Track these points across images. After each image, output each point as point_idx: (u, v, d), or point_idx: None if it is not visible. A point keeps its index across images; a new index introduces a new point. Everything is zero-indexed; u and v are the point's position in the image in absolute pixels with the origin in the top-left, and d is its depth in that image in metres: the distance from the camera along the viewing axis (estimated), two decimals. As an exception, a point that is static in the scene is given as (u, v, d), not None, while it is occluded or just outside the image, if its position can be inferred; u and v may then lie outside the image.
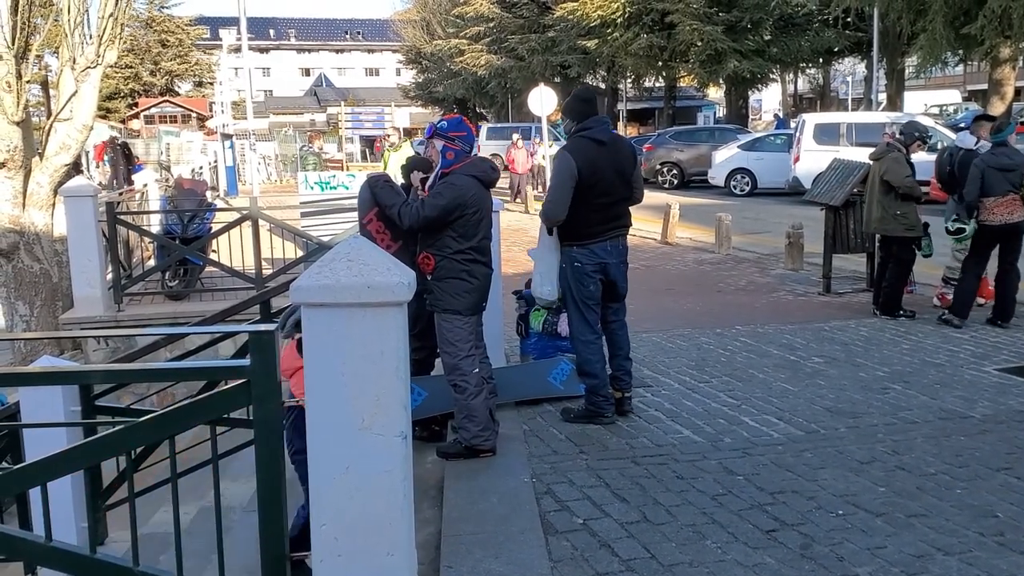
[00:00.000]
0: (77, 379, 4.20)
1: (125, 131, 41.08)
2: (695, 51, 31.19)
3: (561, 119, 5.89)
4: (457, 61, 44.78)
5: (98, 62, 10.34)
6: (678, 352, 7.41)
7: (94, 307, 9.56)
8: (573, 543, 4.00)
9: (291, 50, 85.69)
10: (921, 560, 3.75)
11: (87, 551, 2.90)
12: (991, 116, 9.63)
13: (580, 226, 5.36)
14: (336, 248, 2.77)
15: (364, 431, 2.66)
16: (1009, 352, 7.09)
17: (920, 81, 35.65)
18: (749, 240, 14.50)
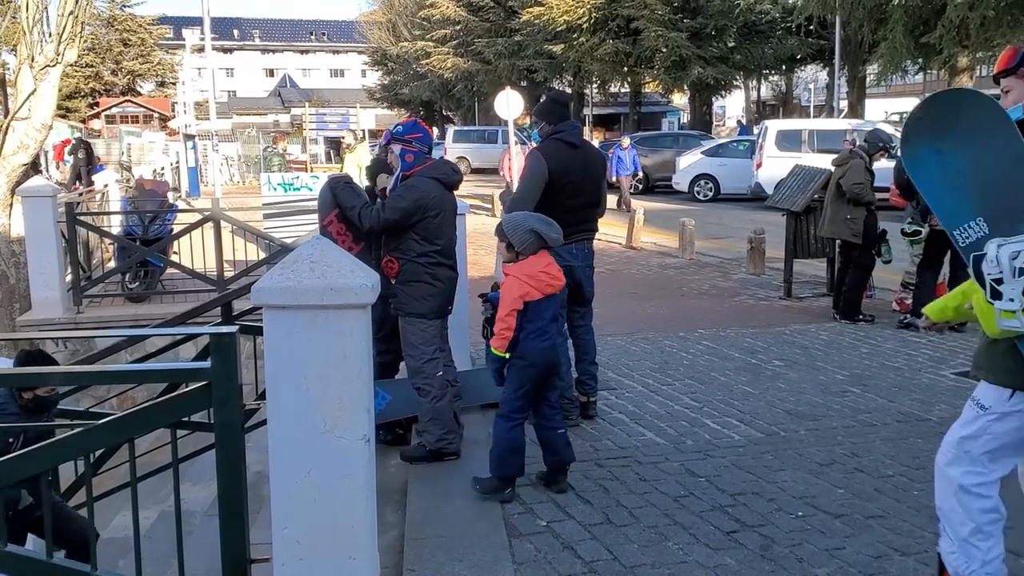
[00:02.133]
0: (35, 381, 4.14)
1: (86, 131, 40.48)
2: (660, 57, 31.42)
3: (534, 122, 5.91)
4: (423, 63, 44.71)
5: (58, 60, 10.20)
6: (642, 355, 7.46)
7: (53, 309, 9.42)
8: (536, 545, 4.01)
9: (255, 50, 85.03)
10: (879, 561, 3.80)
11: (44, 556, 2.86)
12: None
13: None
14: (299, 250, 2.76)
15: (327, 434, 2.65)
16: (965, 356, 7.22)
17: (881, 89, 36.23)
18: (712, 245, 14.63)
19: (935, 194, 3.06)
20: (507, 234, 4.47)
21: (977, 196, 2.92)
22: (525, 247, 4.43)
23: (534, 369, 4.44)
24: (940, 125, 2.98)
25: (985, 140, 2.89)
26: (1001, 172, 2.88)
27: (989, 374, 3.07)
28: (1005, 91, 3.08)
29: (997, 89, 3.29)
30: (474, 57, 40.74)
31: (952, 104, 3.00)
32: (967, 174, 2.94)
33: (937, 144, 2.98)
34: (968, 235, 2.93)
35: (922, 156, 3.04)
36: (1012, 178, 2.86)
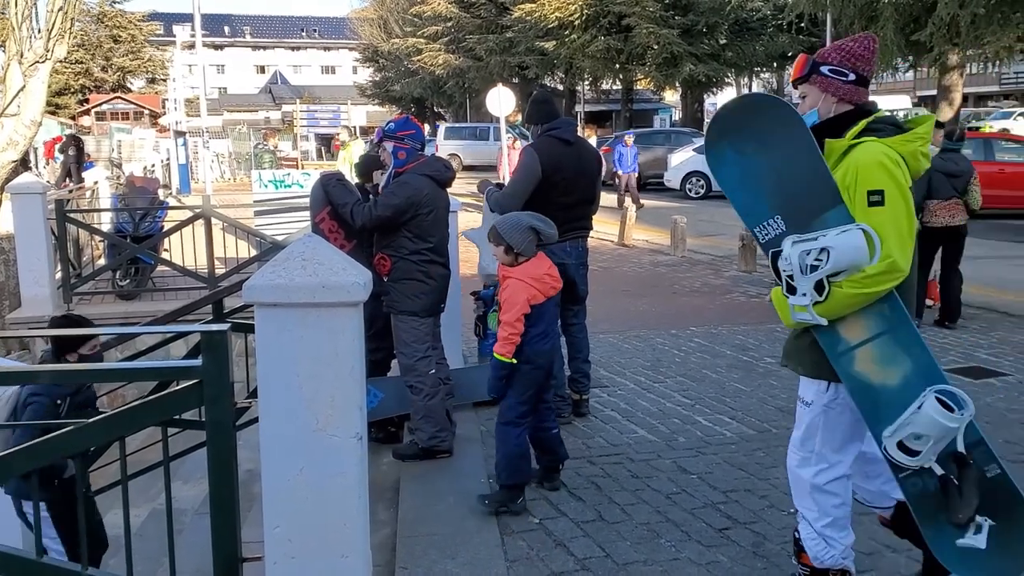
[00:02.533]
0: (24, 379, 4.11)
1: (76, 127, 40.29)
2: (651, 54, 31.46)
3: (526, 126, 5.90)
4: (415, 60, 44.63)
5: (47, 57, 10.16)
6: (634, 353, 7.46)
7: (42, 307, 9.38)
8: (529, 543, 4.01)
9: (246, 47, 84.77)
10: (871, 557, 3.82)
11: (33, 555, 2.84)
12: (940, 122, 9.84)
13: None
14: (290, 247, 2.74)
15: (319, 433, 2.63)
16: (956, 353, 7.25)
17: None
18: (704, 242, 14.65)
19: (736, 193, 3.17)
20: (505, 237, 4.31)
21: (775, 196, 3.06)
22: (524, 248, 4.32)
23: (540, 372, 4.38)
24: (741, 127, 3.11)
25: (782, 143, 3.03)
26: (796, 174, 3.01)
27: (799, 367, 3.17)
28: (802, 96, 3.20)
29: (989, 87, 3.33)
30: (465, 54, 40.70)
31: (752, 108, 3.15)
32: (766, 175, 3.07)
33: (738, 145, 3.11)
34: (767, 232, 3.07)
35: (725, 156, 3.16)
36: (806, 179, 2.99)
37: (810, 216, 2.95)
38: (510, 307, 4.25)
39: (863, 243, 2.81)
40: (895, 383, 2.94)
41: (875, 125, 2.99)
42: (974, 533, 2.90)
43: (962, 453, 2.90)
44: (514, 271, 4.33)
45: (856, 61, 3.05)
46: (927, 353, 2.99)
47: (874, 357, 2.95)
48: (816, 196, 2.96)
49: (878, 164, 2.87)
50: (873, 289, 2.86)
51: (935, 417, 2.83)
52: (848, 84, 3.05)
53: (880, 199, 2.84)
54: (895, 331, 2.96)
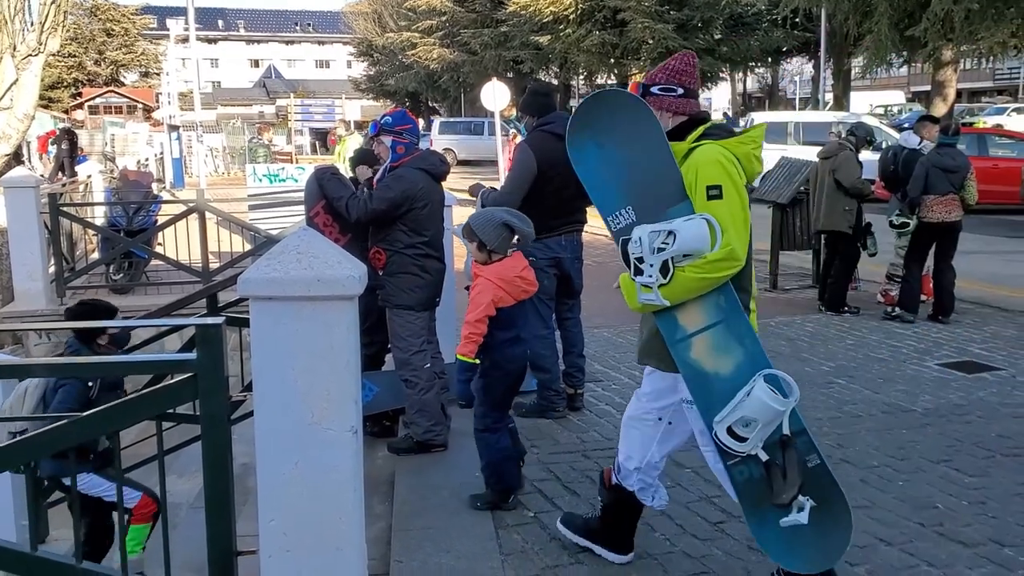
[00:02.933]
0: (18, 373, 4.11)
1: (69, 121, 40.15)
2: (646, 49, 31.39)
3: (519, 116, 5.88)
4: (409, 54, 44.52)
5: (40, 50, 10.12)
6: (628, 347, 7.46)
7: (36, 301, 9.36)
8: (523, 536, 4.02)
9: (240, 41, 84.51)
10: (864, 551, 3.83)
11: (28, 549, 2.84)
12: (934, 117, 9.85)
13: (535, 220, 5.34)
14: (285, 241, 2.73)
15: (314, 426, 2.63)
16: (950, 347, 7.27)
17: (866, 82, 36.38)
18: (699, 237, 14.64)
19: (595, 185, 3.37)
20: (477, 233, 4.17)
21: (628, 188, 3.28)
22: (498, 245, 4.18)
23: (510, 377, 4.30)
24: (602, 122, 3.30)
25: (637, 138, 3.24)
26: (648, 168, 3.24)
27: (660, 363, 3.36)
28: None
29: (983, 83, 3.38)
30: (460, 48, 40.60)
31: (612, 104, 3.33)
32: (621, 168, 3.29)
33: (599, 139, 3.31)
34: (619, 222, 3.29)
35: (586, 149, 3.35)
36: (656, 174, 3.22)
37: (659, 208, 3.19)
38: (475, 307, 4.13)
39: (706, 231, 3.04)
40: (727, 371, 3.14)
41: (711, 131, 3.30)
42: (797, 512, 3.06)
43: (787, 436, 3.09)
44: (485, 270, 4.20)
45: (680, 76, 3.36)
46: (757, 343, 3.22)
47: (709, 345, 3.16)
48: (665, 190, 3.20)
49: (715, 162, 3.14)
50: (714, 275, 3.10)
51: (765, 400, 3.01)
52: (679, 98, 3.34)
53: (719, 193, 3.11)
54: (728, 321, 3.19)
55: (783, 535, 3.10)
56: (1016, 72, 46.61)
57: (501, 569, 3.72)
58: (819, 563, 3.19)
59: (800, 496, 3.06)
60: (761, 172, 3.40)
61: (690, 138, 3.27)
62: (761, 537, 3.19)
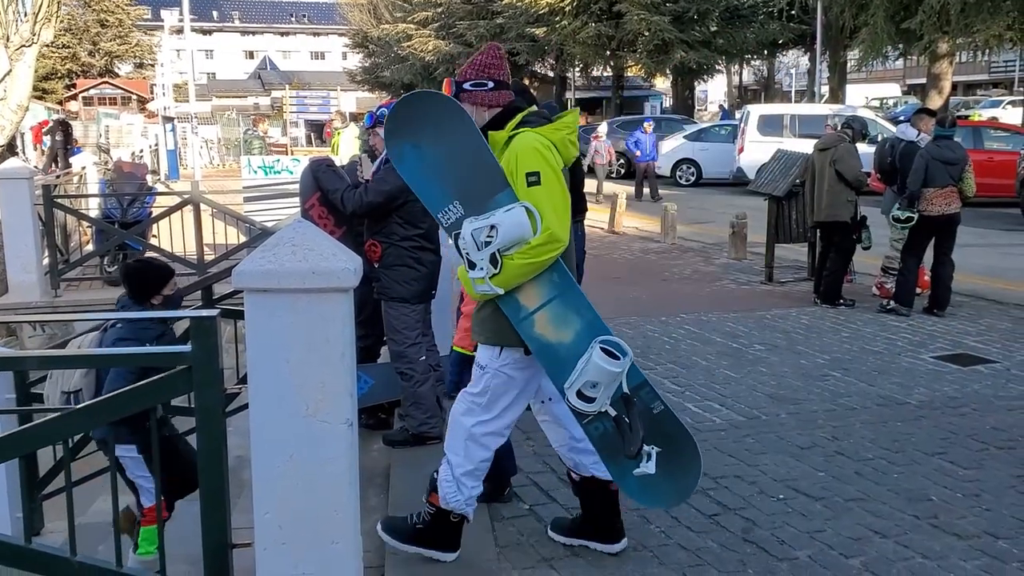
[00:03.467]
0: (12, 365, 4.10)
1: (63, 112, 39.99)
2: (642, 41, 31.35)
3: None
4: (405, 46, 44.38)
5: (33, 40, 10.07)
6: (624, 339, 7.45)
7: (30, 293, 9.33)
8: (519, 529, 4.02)
9: (235, 32, 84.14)
10: (859, 543, 3.84)
11: (22, 541, 2.83)
12: (931, 110, 9.86)
13: None
14: (280, 233, 2.73)
15: (309, 418, 2.63)
16: (944, 340, 7.28)
17: (862, 74, 36.40)
18: (694, 230, 14.66)
19: (419, 184, 3.50)
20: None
21: (451, 183, 3.40)
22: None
23: None
24: (414, 124, 3.43)
25: (451, 135, 3.38)
26: (466, 161, 3.37)
27: (480, 336, 3.54)
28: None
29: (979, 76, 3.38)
30: (456, 39, 40.49)
31: (422, 105, 3.44)
32: (441, 165, 3.41)
33: (413, 141, 3.43)
34: (449, 217, 3.40)
35: (404, 152, 3.47)
36: (475, 166, 3.36)
37: (483, 199, 3.32)
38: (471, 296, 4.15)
39: (526, 219, 3.20)
40: (569, 340, 3.36)
41: (528, 118, 3.45)
42: (646, 462, 3.34)
43: (627, 394, 3.33)
44: None
45: (489, 70, 3.50)
46: (592, 311, 3.44)
47: (549, 319, 3.36)
48: (486, 181, 3.34)
49: (533, 150, 3.30)
50: (539, 259, 3.26)
51: (601, 364, 3.25)
52: (490, 91, 3.48)
53: (537, 179, 3.26)
54: (564, 295, 3.40)
55: (639, 480, 3.42)
56: (1012, 65, 46.62)
57: (497, 561, 3.72)
58: (674, 500, 3.68)
59: (645, 446, 3.33)
60: (575, 155, 3.57)
61: (508, 127, 3.41)
62: (622, 483, 3.51)
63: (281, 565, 2.68)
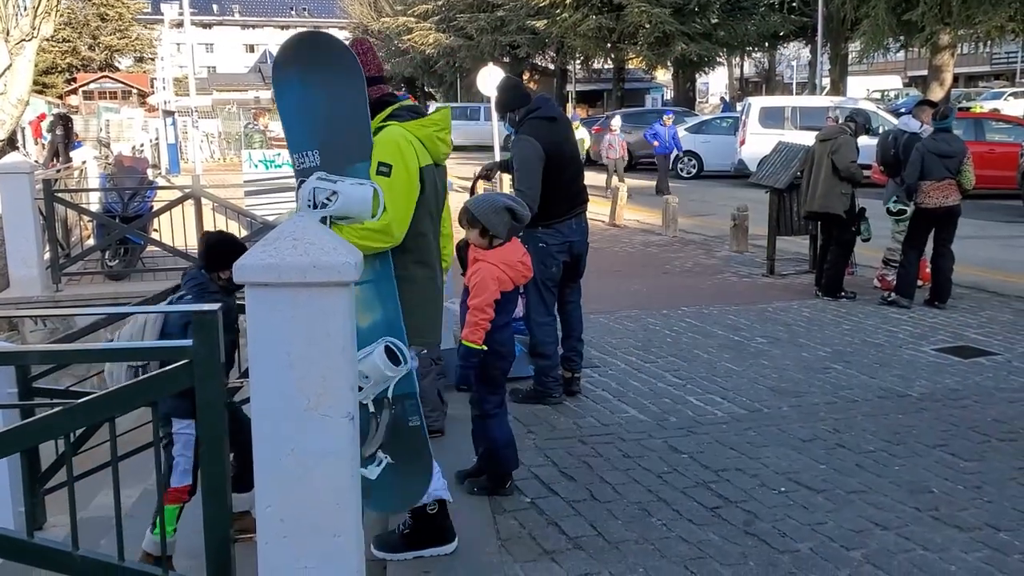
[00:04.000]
0: (13, 360, 4.10)
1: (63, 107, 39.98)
2: (643, 33, 31.30)
3: (500, 117, 5.76)
4: (405, 39, 44.34)
5: (33, 35, 10.06)
6: (625, 333, 7.47)
7: (31, 287, 9.33)
8: (521, 521, 4.02)
9: (235, 26, 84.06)
10: (860, 535, 3.84)
11: (24, 535, 2.84)
12: (934, 102, 9.83)
13: (547, 206, 5.31)
14: (281, 227, 2.72)
15: (310, 412, 2.63)
16: (946, 332, 7.27)
17: (863, 66, 36.28)
18: (695, 222, 14.64)
19: (290, 119, 3.45)
20: (480, 219, 4.10)
21: (320, 131, 3.37)
22: (500, 230, 4.12)
23: (506, 361, 4.26)
24: (311, 62, 3.36)
25: (338, 88, 3.32)
26: (343, 118, 3.35)
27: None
28: None
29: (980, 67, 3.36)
30: (456, 33, 40.45)
31: (327, 48, 3.39)
32: (317, 111, 3.36)
33: (303, 76, 3.37)
34: (303, 162, 3.39)
35: (290, 81, 3.41)
36: (349, 127, 3.35)
37: (341, 161, 3.31)
38: (481, 291, 4.06)
39: (370, 199, 3.19)
40: (364, 326, 3.30)
41: (398, 112, 3.50)
42: (373, 465, 3.31)
43: (388, 399, 3.31)
44: (487, 254, 4.13)
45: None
46: (397, 311, 3.39)
47: (357, 299, 3.24)
48: (351, 145, 3.33)
49: (393, 143, 3.35)
50: (366, 243, 3.22)
51: (378, 364, 3.21)
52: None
53: (387, 171, 3.30)
54: (378, 284, 3.37)
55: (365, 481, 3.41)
56: (1013, 56, 46.50)
57: (499, 554, 3.72)
58: (393, 507, 3.76)
59: (381, 453, 3.33)
60: (448, 153, 3.63)
61: (377, 119, 3.44)
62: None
63: (283, 558, 2.68)
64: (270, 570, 2.70)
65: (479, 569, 3.59)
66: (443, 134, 3.56)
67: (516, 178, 5.35)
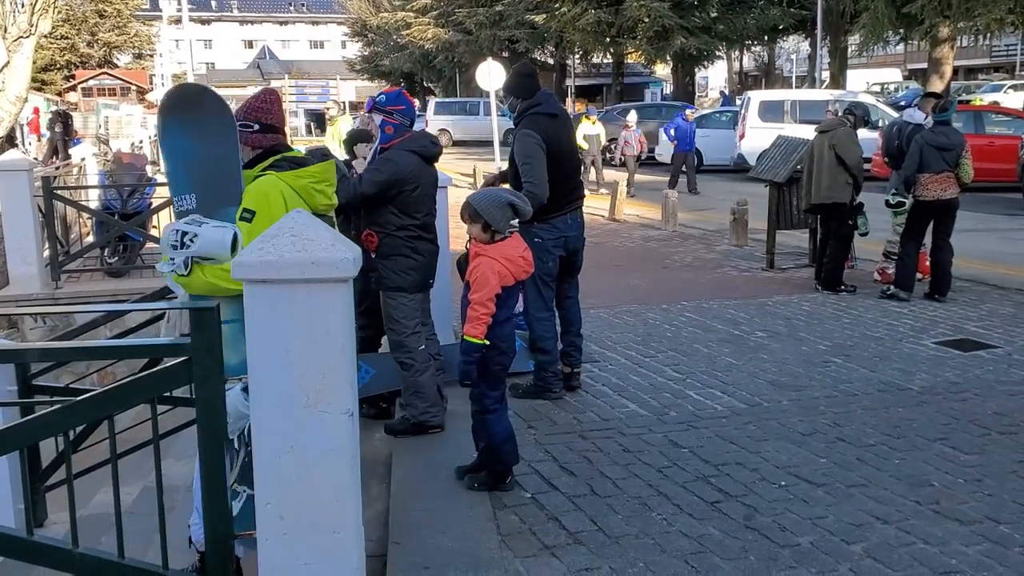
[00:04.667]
0: (13, 358, 4.11)
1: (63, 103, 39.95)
2: (642, 27, 31.23)
3: (504, 98, 5.82)
4: (404, 34, 44.24)
5: (31, 31, 10.04)
6: (625, 327, 7.46)
7: (30, 284, 9.33)
8: (521, 517, 4.02)
9: (233, 22, 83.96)
10: (860, 529, 3.84)
11: (24, 533, 2.84)
12: (939, 94, 9.82)
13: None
14: (279, 223, 2.72)
15: (309, 409, 2.63)
16: (946, 325, 7.27)
17: (862, 59, 36.31)
18: (695, 217, 14.63)
19: (172, 162, 3.66)
20: (483, 214, 4.10)
21: (196, 176, 3.58)
22: (502, 224, 4.14)
23: (507, 357, 4.27)
24: (191, 109, 3.63)
25: (213, 136, 3.55)
26: (218, 165, 3.57)
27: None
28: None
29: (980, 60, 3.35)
30: (455, 27, 40.36)
31: (206, 99, 3.68)
32: (197, 156, 3.59)
33: (183, 124, 3.62)
34: (182, 205, 3.59)
35: (170, 130, 3.64)
36: (223, 173, 3.56)
37: (216, 205, 3.50)
38: (482, 285, 4.06)
39: (228, 243, 3.31)
40: (234, 363, 3.29)
41: (278, 163, 3.62)
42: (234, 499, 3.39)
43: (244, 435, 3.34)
44: (488, 249, 4.14)
45: (257, 113, 3.69)
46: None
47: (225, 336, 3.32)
48: (225, 191, 3.52)
49: (262, 192, 3.50)
50: (223, 284, 3.31)
51: (235, 400, 3.24)
52: (254, 134, 3.68)
53: (249, 217, 3.45)
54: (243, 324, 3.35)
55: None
56: (1013, 49, 46.43)
57: (499, 550, 3.72)
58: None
59: (239, 486, 3.43)
60: (329, 204, 3.73)
61: (257, 168, 3.62)
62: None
63: (283, 555, 2.69)
64: (270, 567, 2.71)
65: (480, 564, 3.59)
66: (321, 186, 3.66)
67: (522, 172, 5.35)
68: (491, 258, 4.11)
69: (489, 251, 4.14)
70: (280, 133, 3.77)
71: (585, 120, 18.78)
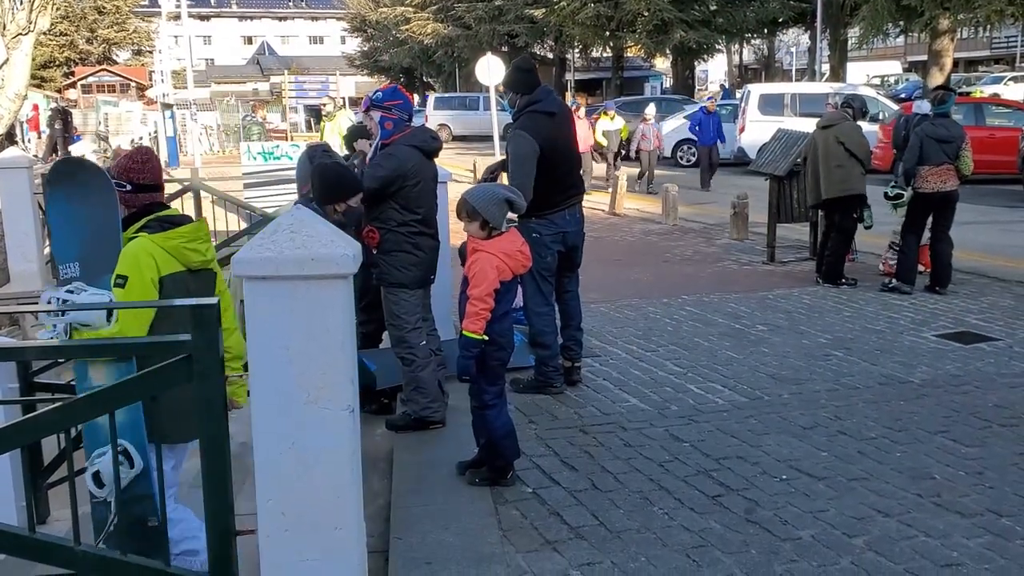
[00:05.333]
0: (14, 355, 4.09)
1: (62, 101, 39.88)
2: (642, 21, 31.16)
3: (504, 93, 5.82)
4: (403, 29, 44.20)
5: (30, 28, 10.02)
6: (625, 322, 7.46)
7: (31, 282, 9.31)
8: (523, 512, 4.03)
9: (232, 18, 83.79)
10: (861, 522, 3.84)
11: (26, 531, 2.84)
12: (950, 88, 9.80)
13: (539, 197, 5.32)
14: (279, 219, 2.72)
15: (310, 405, 2.62)
16: (946, 318, 7.27)
17: (862, 52, 36.16)
18: (695, 211, 14.62)
19: (59, 232, 3.78)
20: (480, 211, 4.13)
21: (80, 245, 3.69)
22: (499, 220, 4.15)
23: (505, 352, 4.28)
24: (76, 177, 3.75)
25: (97, 205, 3.68)
26: (98, 234, 3.67)
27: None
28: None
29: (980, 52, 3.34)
30: (454, 22, 40.33)
31: (88, 169, 3.84)
32: (81, 224, 3.71)
33: (67, 191, 3.72)
34: (67, 272, 3.68)
35: (56, 200, 3.75)
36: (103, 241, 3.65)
37: (97, 273, 3.60)
38: (480, 280, 4.07)
39: (104, 311, 3.39)
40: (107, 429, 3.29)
41: (150, 223, 3.66)
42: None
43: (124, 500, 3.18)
44: (485, 244, 4.15)
45: (128, 173, 3.70)
46: (138, 411, 3.47)
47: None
48: (105, 259, 3.59)
49: (132, 255, 3.54)
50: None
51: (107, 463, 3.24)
52: (128, 193, 3.70)
53: (123, 283, 3.49)
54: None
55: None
56: (1013, 41, 46.32)
57: (500, 544, 3.73)
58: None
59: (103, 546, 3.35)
60: (208, 259, 3.79)
61: (130, 229, 3.66)
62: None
63: (284, 552, 2.69)
64: (272, 564, 2.71)
65: (481, 559, 3.59)
66: (193, 244, 3.69)
67: (510, 171, 5.38)
68: (489, 253, 4.12)
69: (487, 246, 4.15)
70: (156, 191, 3.79)
71: (603, 116, 18.57)
